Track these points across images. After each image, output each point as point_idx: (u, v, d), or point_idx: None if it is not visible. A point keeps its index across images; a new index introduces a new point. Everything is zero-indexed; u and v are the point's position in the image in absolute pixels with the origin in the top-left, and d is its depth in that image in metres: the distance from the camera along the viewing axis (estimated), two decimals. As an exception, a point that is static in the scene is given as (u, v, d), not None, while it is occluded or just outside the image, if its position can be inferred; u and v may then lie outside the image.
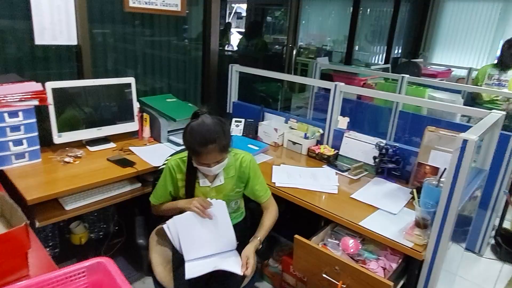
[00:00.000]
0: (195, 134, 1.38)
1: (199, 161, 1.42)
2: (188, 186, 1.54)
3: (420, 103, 2.22)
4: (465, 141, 1.22)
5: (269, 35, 5.25)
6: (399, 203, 1.67)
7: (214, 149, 1.37)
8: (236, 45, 4.95)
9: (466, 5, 5.40)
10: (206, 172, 1.49)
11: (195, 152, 1.40)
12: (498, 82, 3.16)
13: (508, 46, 3.20)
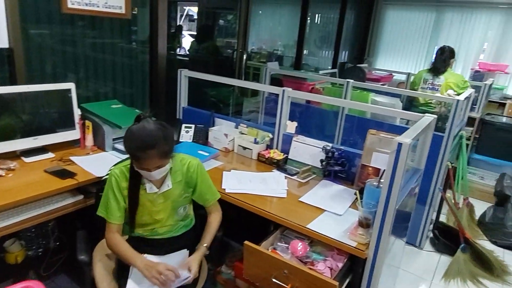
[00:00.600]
0: (134, 138, 1.35)
1: (139, 165, 1.39)
2: (132, 194, 1.48)
3: (363, 107, 2.33)
4: (399, 144, 1.30)
5: (222, 39, 5.25)
6: (344, 204, 1.73)
7: (154, 154, 1.34)
8: (187, 49, 4.87)
9: (404, 14, 5.79)
10: (147, 177, 1.45)
11: (135, 156, 1.37)
12: (432, 86, 3.41)
13: (441, 53, 3.47)
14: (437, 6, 5.46)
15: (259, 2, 5.56)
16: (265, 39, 5.86)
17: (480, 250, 2.55)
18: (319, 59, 5.71)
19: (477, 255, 2.56)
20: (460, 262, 2.50)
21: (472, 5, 5.19)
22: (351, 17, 5.83)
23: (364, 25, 6.14)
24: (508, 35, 5.05)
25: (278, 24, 5.94)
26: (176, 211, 1.56)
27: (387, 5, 5.91)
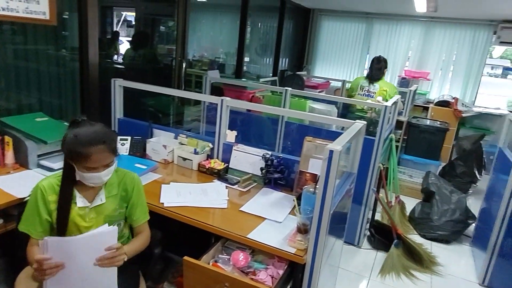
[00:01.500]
0: (81, 137, 1.30)
1: (86, 165, 1.31)
2: (62, 208, 1.37)
3: (300, 116, 2.41)
4: (331, 152, 1.36)
5: (164, 45, 5.12)
6: (284, 211, 1.77)
7: (105, 149, 1.32)
8: (124, 57, 4.68)
9: (338, 24, 6.13)
10: (92, 181, 1.36)
11: (82, 155, 1.29)
12: (368, 93, 3.63)
13: (377, 62, 3.69)
14: (366, 18, 5.86)
15: (198, 10, 5.53)
16: (206, 46, 5.84)
17: (410, 244, 2.75)
18: (260, 67, 5.82)
19: (409, 249, 2.75)
20: (394, 257, 2.68)
21: (396, 17, 5.65)
22: (290, 27, 6.04)
23: (302, 34, 6.38)
24: (428, 45, 5.57)
25: (219, 31, 5.95)
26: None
27: (322, 16, 6.21)
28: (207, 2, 5.58)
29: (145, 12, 5.32)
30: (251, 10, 4.82)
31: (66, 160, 1.36)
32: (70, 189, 1.39)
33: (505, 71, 20.71)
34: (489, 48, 5.34)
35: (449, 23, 5.38)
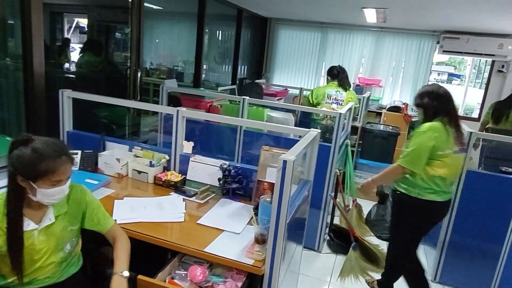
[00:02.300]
0: (42, 151, 1.24)
1: (53, 179, 1.26)
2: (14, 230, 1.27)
3: (257, 125, 2.42)
4: (285, 162, 1.38)
5: (119, 53, 4.97)
6: (242, 222, 1.76)
7: (68, 160, 1.30)
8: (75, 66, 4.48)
9: (294, 33, 6.28)
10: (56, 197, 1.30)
11: (49, 169, 1.24)
12: (336, 101, 3.68)
13: (343, 71, 3.82)
14: (321, 27, 6.06)
15: (154, 17, 5.43)
16: (164, 54, 5.75)
17: (367, 246, 2.85)
18: (219, 75, 5.81)
19: (365, 251, 2.85)
20: (352, 260, 2.76)
21: (349, 27, 5.90)
22: (248, 35, 6.10)
23: (260, 43, 6.47)
24: (379, 53, 5.86)
25: (177, 40, 5.88)
26: (62, 247, 1.40)
27: (279, 25, 6.34)
28: (163, 9, 5.50)
29: (98, 18, 5.13)
30: (208, 18, 4.82)
31: (16, 181, 1.26)
32: (20, 213, 1.29)
33: (450, 77, 22.28)
34: (433, 56, 5.72)
35: (397, 33, 5.71)
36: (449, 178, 2.06)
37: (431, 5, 3.84)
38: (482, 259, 2.57)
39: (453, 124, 2.02)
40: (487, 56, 5.27)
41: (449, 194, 2.15)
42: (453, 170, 2.07)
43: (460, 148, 2.03)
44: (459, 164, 2.10)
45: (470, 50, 5.20)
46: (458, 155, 2.03)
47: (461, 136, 2.05)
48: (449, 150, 1.98)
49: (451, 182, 2.14)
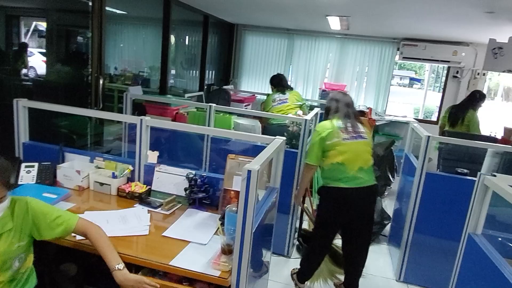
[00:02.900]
0: None
1: None
2: None
3: (222, 134, 2.41)
4: (249, 171, 1.38)
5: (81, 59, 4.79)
6: (209, 232, 1.74)
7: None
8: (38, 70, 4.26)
9: (261, 39, 6.33)
10: None
11: None
12: (280, 101, 3.89)
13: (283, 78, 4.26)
14: (288, 33, 6.15)
15: (118, 22, 5.30)
16: (129, 60, 5.61)
17: (335, 249, 2.90)
18: (187, 81, 5.75)
19: (333, 254, 2.90)
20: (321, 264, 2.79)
21: (315, 33, 6.03)
22: (215, 41, 6.08)
23: (228, 49, 6.47)
24: (344, 59, 6.04)
25: (142, 45, 5.77)
26: (10, 265, 1.32)
27: (246, 31, 6.37)
28: (127, 14, 5.38)
29: (58, 22, 4.93)
30: (174, 24, 4.76)
31: None
32: None
33: (411, 81, 23.32)
34: (395, 62, 5.96)
35: (360, 39, 5.90)
36: (348, 163, 2.22)
37: (390, 14, 4.01)
38: (443, 257, 2.68)
39: (344, 119, 2.31)
40: (443, 63, 5.56)
41: (357, 181, 2.21)
42: (350, 156, 2.22)
43: (351, 135, 2.25)
44: (354, 149, 2.23)
45: (427, 56, 5.47)
46: (350, 141, 2.24)
47: (354, 126, 2.30)
48: (336, 139, 2.24)
49: (357, 168, 2.22)
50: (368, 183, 2.25)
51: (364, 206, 2.30)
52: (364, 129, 2.35)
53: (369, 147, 2.32)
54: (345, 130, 2.27)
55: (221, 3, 4.54)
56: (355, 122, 2.34)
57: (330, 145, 2.25)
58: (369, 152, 2.32)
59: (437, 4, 3.25)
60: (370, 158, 2.31)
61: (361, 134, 2.30)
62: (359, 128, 2.32)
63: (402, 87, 21.88)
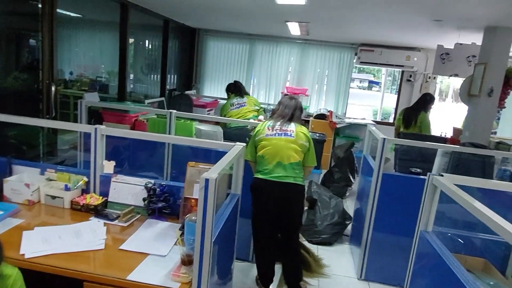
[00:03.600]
0: None
1: None
2: None
3: (182, 141, 2.36)
4: (207, 180, 1.36)
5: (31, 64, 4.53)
6: (169, 243, 1.70)
7: None
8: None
9: (223, 44, 6.34)
10: None
11: None
12: (239, 105, 3.98)
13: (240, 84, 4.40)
14: (249, 38, 6.20)
15: (72, 25, 5.08)
16: (86, 65, 5.40)
17: (303, 253, 2.93)
18: (148, 86, 5.62)
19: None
20: None
21: (276, 39, 6.12)
22: (176, 45, 5.99)
23: (189, 53, 6.40)
24: (304, 64, 6.17)
25: (99, 49, 5.56)
26: None
27: (208, 36, 6.35)
28: (82, 17, 5.18)
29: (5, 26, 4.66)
30: (133, 28, 4.64)
31: None
32: None
33: (370, 84, 24.27)
34: (353, 66, 6.18)
35: (320, 45, 6.06)
36: (266, 156, 2.37)
37: (348, 21, 4.15)
38: (400, 253, 2.78)
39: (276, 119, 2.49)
40: (398, 67, 5.85)
41: (273, 174, 2.35)
42: (269, 150, 2.38)
43: (275, 132, 2.41)
44: (274, 144, 2.38)
45: (383, 61, 5.72)
46: (272, 137, 2.40)
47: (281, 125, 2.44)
48: (262, 135, 2.44)
49: (276, 162, 2.36)
50: (284, 179, 2.35)
51: (279, 200, 2.37)
52: (296, 129, 2.42)
53: (293, 144, 2.39)
54: (271, 128, 2.43)
55: (180, 8, 4.49)
56: (288, 122, 2.45)
57: (257, 141, 2.44)
58: (293, 150, 2.38)
59: (390, 12, 3.42)
60: (292, 155, 2.37)
61: (287, 132, 2.41)
62: (287, 127, 2.43)
63: (362, 90, 22.71)
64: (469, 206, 1.42)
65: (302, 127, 2.49)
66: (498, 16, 3.15)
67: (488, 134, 3.71)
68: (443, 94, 19.96)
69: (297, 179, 2.40)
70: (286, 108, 2.50)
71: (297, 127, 2.45)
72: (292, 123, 2.46)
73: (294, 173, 2.39)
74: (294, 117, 2.49)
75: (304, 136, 2.44)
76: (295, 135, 2.41)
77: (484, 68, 3.53)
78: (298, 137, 2.41)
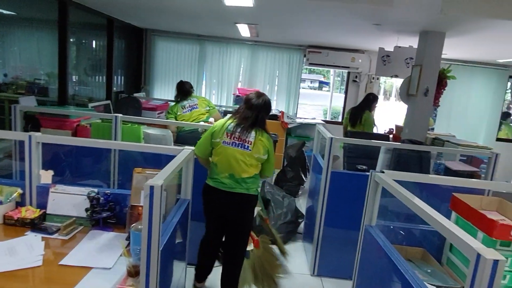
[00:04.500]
0: None
1: None
2: None
3: (128, 147, 2.28)
4: (151, 187, 1.32)
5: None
6: (114, 254, 1.63)
7: None
8: None
9: (172, 45, 6.20)
10: None
11: None
12: (190, 107, 3.89)
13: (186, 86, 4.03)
14: (199, 39, 6.13)
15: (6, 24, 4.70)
16: (22, 66, 5.00)
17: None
18: (92, 89, 5.33)
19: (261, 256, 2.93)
20: (245, 269, 2.80)
21: (226, 40, 6.11)
22: (122, 46, 5.76)
23: (137, 54, 6.18)
24: (255, 65, 6.23)
25: (36, 50, 5.18)
26: None
27: (156, 36, 6.17)
28: (17, 15, 4.80)
29: None
30: (74, 27, 4.38)
31: None
32: None
33: (321, 84, 25.12)
34: (303, 67, 6.34)
35: (270, 46, 6.15)
36: (219, 165, 2.25)
37: (295, 24, 4.25)
38: (350, 248, 2.91)
39: (237, 124, 2.27)
40: (344, 68, 6.10)
41: (223, 184, 2.24)
42: (223, 160, 2.24)
43: (232, 142, 2.23)
44: (228, 154, 2.22)
45: (330, 62, 5.94)
46: (228, 146, 2.24)
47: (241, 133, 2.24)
48: (219, 139, 2.26)
49: (226, 173, 2.24)
50: (235, 190, 2.24)
51: (227, 208, 2.28)
52: (256, 140, 2.24)
53: (249, 158, 2.23)
54: (230, 135, 2.24)
55: (123, 7, 4.32)
56: (250, 129, 2.24)
57: (214, 143, 2.28)
58: (247, 164, 2.23)
59: (334, 16, 3.55)
60: (246, 170, 2.23)
61: (245, 144, 2.23)
62: (246, 136, 2.23)
63: (313, 90, 23.44)
64: (406, 200, 1.52)
65: (263, 136, 2.28)
66: (429, 22, 3.40)
67: (425, 131, 3.99)
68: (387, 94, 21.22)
69: (250, 190, 2.29)
70: (251, 110, 2.27)
71: (257, 137, 2.25)
72: (253, 130, 2.25)
73: (247, 185, 2.27)
74: (257, 121, 2.27)
75: (263, 149, 2.26)
76: (253, 147, 2.23)
77: (420, 70, 3.80)
78: (256, 150, 2.24)
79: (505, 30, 3.37)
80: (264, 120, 2.34)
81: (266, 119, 2.35)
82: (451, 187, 2.07)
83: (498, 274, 1.03)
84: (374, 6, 2.85)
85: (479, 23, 3.19)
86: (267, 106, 2.34)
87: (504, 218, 1.80)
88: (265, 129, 2.33)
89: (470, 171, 3.30)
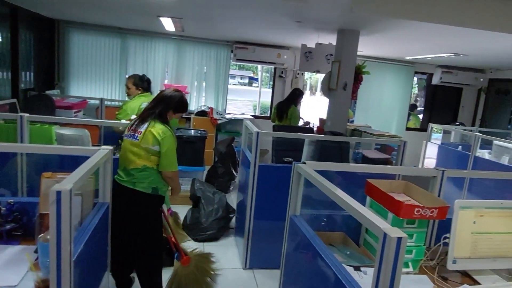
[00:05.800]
0: None
1: None
2: None
3: (35, 149, 2.06)
4: (59, 192, 1.20)
5: None
6: (21, 270, 1.46)
7: None
8: None
9: (90, 38, 5.74)
10: None
11: None
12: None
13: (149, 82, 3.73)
14: (120, 33, 5.78)
15: None
16: None
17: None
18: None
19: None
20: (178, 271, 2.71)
21: (150, 34, 5.85)
22: (30, 38, 5.17)
23: (48, 48, 5.62)
24: (182, 61, 6.07)
25: None
26: None
27: (70, 28, 5.66)
28: None
29: None
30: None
31: None
32: None
33: (250, 80, 25.47)
34: (233, 63, 6.35)
35: (197, 41, 6.04)
36: (120, 159, 2.25)
37: (219, 19, 4.23)
38: (278, 238, 3.00)
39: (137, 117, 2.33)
40: (270, 64, 6.25)
41: (118, 177, 2.22)
42: (121, 152, 2.25)
43: (129, 133, 2.23)
44: (123, 147, 2.24)
45: (257, 58, 6.04)
46: (125, 138, 2.25)
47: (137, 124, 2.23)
48: (126, 132, 2.28)
49: (123, 167, 2.22)
50: (124, 183, 2.19)
51: (118, 203, 2.04)
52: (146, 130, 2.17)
53: (136, 148, 2.17)
54: (130, 127, 2.27)
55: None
56: (144, 120, 2.22)
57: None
58: (135, 154, 2.17)
59: (257, 12, 3.60)
60: (133, 161, 2.17)
61: (135, 134, 2.20)
62: (139, 127, 2.21)
63: (243, 86, 23.68)
64: (325, 188, 1.60)
65: (156, 127, 2.19)
66: (344, 21, 3.63)
67: (345, 123, 4.28)
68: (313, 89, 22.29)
69: (137, 185, 2.17)
70: (152, 102, 2.30)
71: (149, 127, 2.18)
72: (147, 122, 2.20)
73: (134, 179, 2.17)
74: (154, 113, 2.22)
75: (152, 139, 2.15)
76: (141, 137, 2.16)
77: (339, 65, 4.04)
78: (144, 140, 2.15)
79: (410, 30, 3.74)
80: (164, 113, 2.26)
81: (167, 112, 2.27)
82: (368, 174, 2.24)
83: (401, 250, 1.14)
84: (291, 1, 2.95)
85: (387, 23, 3.49)
86: (168, 99, 2.28)
87: (409, 198, 2.00)
88: (164, 122, 2.24)
89: (384, 158, 3.62)
